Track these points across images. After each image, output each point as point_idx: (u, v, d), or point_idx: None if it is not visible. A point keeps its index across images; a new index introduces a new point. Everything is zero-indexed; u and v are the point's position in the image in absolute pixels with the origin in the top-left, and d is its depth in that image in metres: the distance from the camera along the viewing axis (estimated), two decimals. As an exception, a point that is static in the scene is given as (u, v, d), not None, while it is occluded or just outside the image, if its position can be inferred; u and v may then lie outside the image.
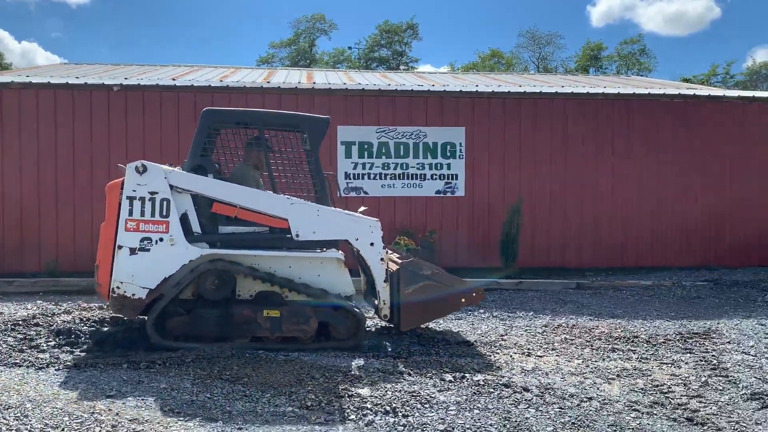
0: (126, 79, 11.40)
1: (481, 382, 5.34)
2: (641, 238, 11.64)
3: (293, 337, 6.03)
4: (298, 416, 4.49)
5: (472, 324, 7.66)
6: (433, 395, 4.97)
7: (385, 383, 5.20)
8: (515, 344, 6.73)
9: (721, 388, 5.44)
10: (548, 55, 55.61)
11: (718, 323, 7.91)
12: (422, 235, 10.64)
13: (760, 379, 5.70)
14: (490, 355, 6.28)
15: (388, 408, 4.64)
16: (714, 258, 11.68)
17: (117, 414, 4.39)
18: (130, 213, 5.78)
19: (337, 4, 76.30)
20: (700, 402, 5.06)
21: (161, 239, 5.81)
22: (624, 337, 7.10)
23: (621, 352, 6.52)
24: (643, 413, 4.78)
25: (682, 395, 5.21)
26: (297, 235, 6.01)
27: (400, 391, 5.02)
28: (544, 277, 10.66)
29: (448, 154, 11.25)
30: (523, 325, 7.70)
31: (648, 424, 4.56)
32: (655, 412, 4.81)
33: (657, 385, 5.43)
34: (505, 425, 4.44)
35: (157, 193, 5.80)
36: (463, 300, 6.64)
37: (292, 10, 78.97)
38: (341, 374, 5.37)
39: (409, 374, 5.48)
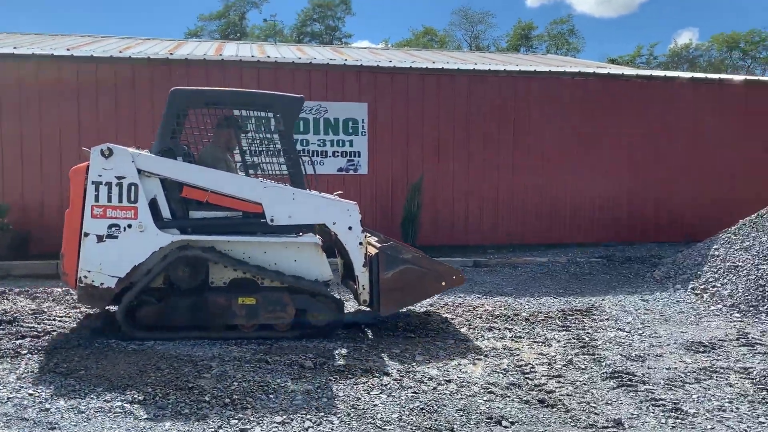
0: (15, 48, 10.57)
1: (342, 368, 5.12)
2: (542, 215, 11.72)
3: (270, 325, 5.82)
4: (126, 412, 4.15)
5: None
6: (284, 384, 4.71)
7: (237, 373, 4.91)
8: (394, 325, 6.56)
9: (583, 367, 5.41)
10: (480, 34, 55.86)
11: (602, 300, 8.00)
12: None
13: (625, 356, 5.72)
14: (362, 339, 6.09)
15: (227, 400, 4.36)
16: (614, 235, 11.90)
17: None
18: (96, 199, 5.49)
19: (269, -26, 74.27)
20: (558, 382, 5.00)
21: (129, 226, 5.53)
22: (505, 315, 7.05)
23: (497, 331, 6.45)
24: (497, 396, 4.66)
25: (542, 375, 5.14)
26: (272, 220, 5.77)
27: (249, 381, 4.74)
28: (446, 255, 10.57)
29: (351, 130, 10.95)
30: (408, 305, 7.55)
31: (498, 407, 4.44)
32: (509, 394, 4.70)
33: (521, 366, 5.36)
34: (349, 414, 4.24)
35: (124, 177, 5.50)
36: (443, 283, 6.44)
37: (220, -20, 75.97)
38: (191, 365, 5.05)
39: (267, 362, 5.21)
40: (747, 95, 12.18)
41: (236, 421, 4.06)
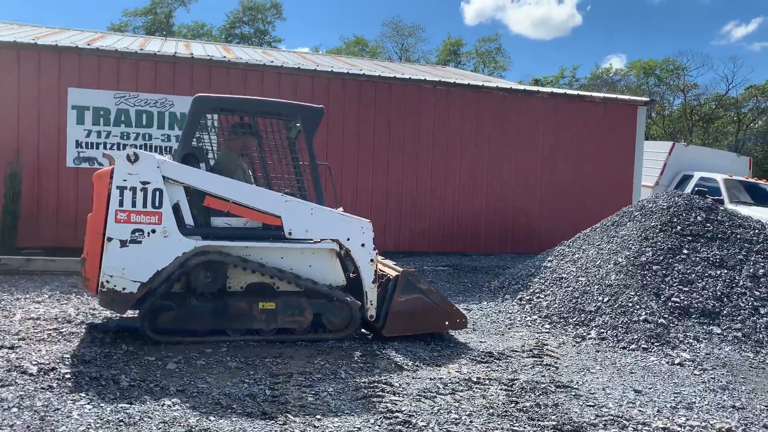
0: None
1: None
2: (402, 224, 11.53)
3: (288, 329, 5.99)
4: None
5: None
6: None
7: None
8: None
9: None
10: (411, 47, 56.30)
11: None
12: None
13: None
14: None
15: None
16: (470, 245, 11.83)
17: None
18: (121, 203, 5.48)
19: (199, -26, 72.82)
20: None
21: (153, 231, 5.54)
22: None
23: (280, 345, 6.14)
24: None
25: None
26: (290, 233, 5.89)
27: None
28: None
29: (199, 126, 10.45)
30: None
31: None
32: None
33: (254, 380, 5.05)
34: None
35: (149, 183, 5.52)
36: (446, 323, 6.54)
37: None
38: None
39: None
40: (606, 111, 12.40)
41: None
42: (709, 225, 8.35)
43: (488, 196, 11.87)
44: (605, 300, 7.47)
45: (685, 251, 7.97)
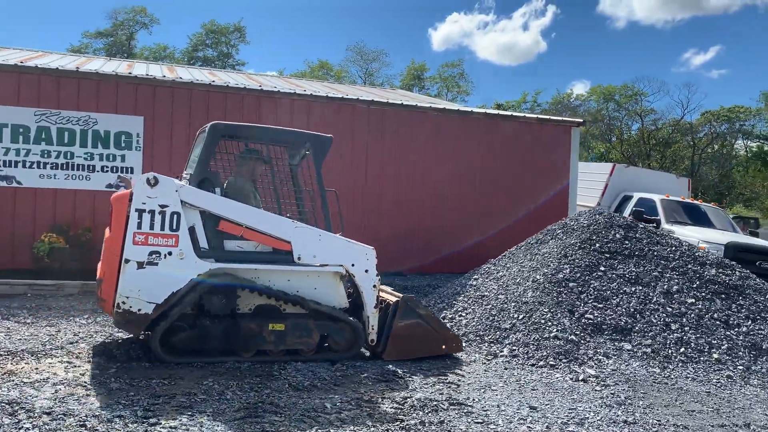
0: None
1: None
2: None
3: (296, 350, 6.12)
4: None
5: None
6: None
7: None
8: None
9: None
10: (375, 71, 56.78)
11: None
12: (74, 233, 9.53)
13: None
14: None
15: None
16: (404, 264, 11.73)
17: None
18: (139, 226, 5.56)
19: (160, -2, 72.83)
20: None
21: (170, 253, 5.64)
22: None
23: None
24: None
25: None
26: (299, 258, 6.06)
27: None
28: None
29: (123, 144, 10.27)
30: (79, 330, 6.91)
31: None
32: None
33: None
34: None
35: (167, 206, 5.62)
36: (443, 347, 6.66)
37: (109, -1, 73.76)
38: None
39: None
40: (540, 132, 12.54)
41: None
42: (627, 242, 8.42)
43: (423, 215, 11.83)
44: (520, 317, 7.43)
45: (602, 268, 8.00)
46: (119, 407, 4.69)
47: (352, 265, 6.25)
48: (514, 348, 7.01)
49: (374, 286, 6.32)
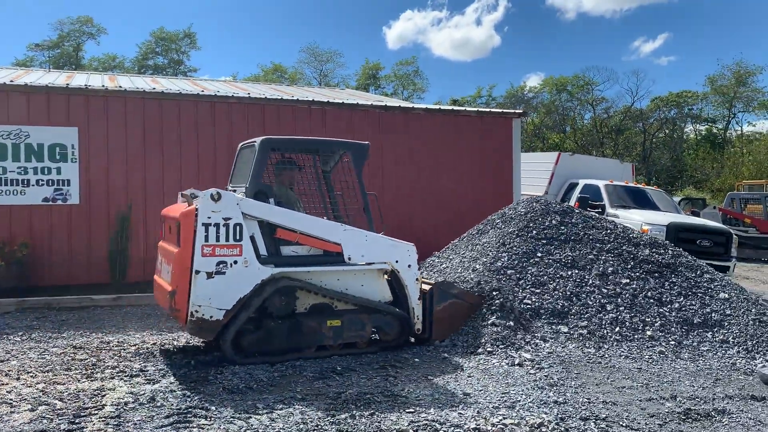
0: None
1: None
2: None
3: (351, 343, 6.63)
4: None
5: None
6: None
7: None
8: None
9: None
10: (330, 72, 56.67)
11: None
12: (9, 249, 9.29)
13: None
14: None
15: None
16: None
17: None
18: (206, 239, 5.92)
19: (106, 7, 71.52)
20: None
21: (235, 262, 6.02)
22: (144, 353, 6.48)
23: (112, 370, 5.85)
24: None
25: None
26: (349, 259, 6.51)
27: None
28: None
29: (58, 156, 10.05)
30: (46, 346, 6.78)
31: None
32: None
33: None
34: None
35: (230, 219, 5.99)
36: (474, 310, 7.36)
37: (54, 10, 72.17)
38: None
39: None
40: (481, 124, 12.70)
41: None
42: (563, 228, 8.60)
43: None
44: (460, 307, 7.51)
45: (539, 254, 8.15)
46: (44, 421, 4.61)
47: (396, 261, 6.74)
48: (454, 337, 7.10)
49: (417, 279, 6.87)
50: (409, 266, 6.81)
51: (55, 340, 7.18)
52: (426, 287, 7.13)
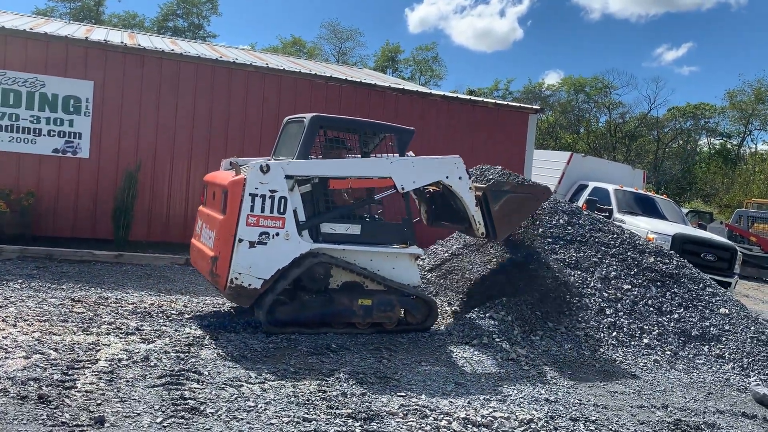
0: None
1: None
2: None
3: (380, 323, 6.67)
4: None
5: None
6: None
7: None
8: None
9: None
10: (349, 51, 56.30)
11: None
12: (15, 197, 9.30)
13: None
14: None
15: None
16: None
17: None
18: (252, 209, 6.01)
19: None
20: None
21: (277, 234, 6.11)
22: (141, 312, 6.50)
23: (109, 326, 5.87)
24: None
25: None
26: (402, 188, 6.59)
27: None
28: (162, 251, 9.89)
29: (72, 109, 10.02)
30: (44, 296, 6.80)
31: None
32: None
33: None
34: None
35: (276, 191, 6.09)
36: (539, 201, 7.72)
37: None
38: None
39: None
40: (498, 117, 12.60)
41: None
42: (570, 228, 8.55)
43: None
44: (459, 299, 7.51)
45: (544, 253, 8.11)
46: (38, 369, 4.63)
47: (447, 177, 6.84)
48: (450, 326, 7.10)
49: (470, 188, 6.98)
50: (460, 178, 6.90)
51: (54, 291, 7.20)
52: (479, 193, 7.21)
